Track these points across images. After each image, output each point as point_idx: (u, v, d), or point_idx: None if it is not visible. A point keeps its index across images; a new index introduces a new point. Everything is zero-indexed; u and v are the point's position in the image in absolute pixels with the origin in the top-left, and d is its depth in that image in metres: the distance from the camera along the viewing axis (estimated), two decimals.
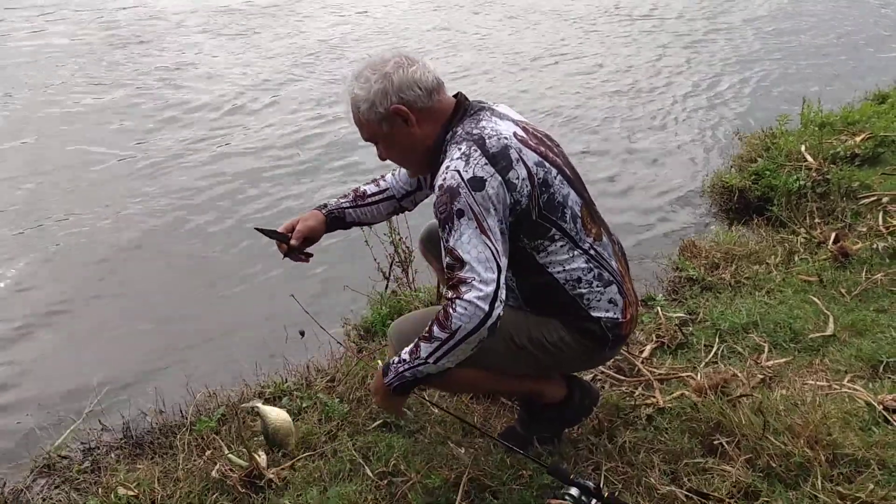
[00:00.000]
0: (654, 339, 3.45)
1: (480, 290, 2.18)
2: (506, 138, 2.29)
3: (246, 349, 3.89)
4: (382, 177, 2.87)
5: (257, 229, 2.82)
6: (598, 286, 2.41)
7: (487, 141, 2.27)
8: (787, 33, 10.05)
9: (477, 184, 2.21)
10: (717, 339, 3.38)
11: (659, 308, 3.70)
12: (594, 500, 2.19)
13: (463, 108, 2.40)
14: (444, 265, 2.26)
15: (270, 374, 3.53)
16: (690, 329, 3.52)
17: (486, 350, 2.29)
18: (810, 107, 5.96)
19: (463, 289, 2.19)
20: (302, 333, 3.71)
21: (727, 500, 2.33)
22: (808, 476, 2.39)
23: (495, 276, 2.20)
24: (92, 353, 4.02)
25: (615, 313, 2.44)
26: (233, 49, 9.62)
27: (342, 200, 2.83)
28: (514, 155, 2.27)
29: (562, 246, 2.37)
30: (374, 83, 2.33)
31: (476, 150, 2.25)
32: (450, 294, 2.22)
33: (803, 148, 5.31)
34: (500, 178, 2.23)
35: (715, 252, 4.30)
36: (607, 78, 8.54)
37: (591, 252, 2.41)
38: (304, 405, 3.15)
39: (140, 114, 7.54)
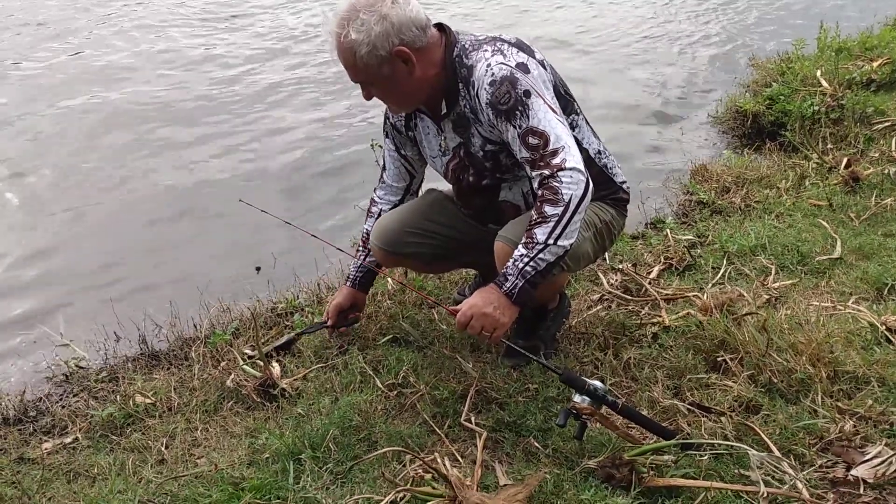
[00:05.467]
0: (663, 260, 3.47)
1: (574, 156, 2.25)
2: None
3: (260, 265, 3.95)
4: (372, 200, 2.88)
5: (300, 334, 3.03)
6: (609, 154, 2.60)
7: (503, 35, 2.41)
8: None
9: (523, 68, 2.31)
10: (724, 262, 3.40)
11: (668, 230, 3.72)
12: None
13: (451, 31, 2.45)
14: (527, 148, 2.28)
15: (282, 290, 3.59)
16: (699, 251, 3.55)
17: (582, 241, 2.42)
18: (827, 31, 5.85)
19: (557, 161, 2.24)
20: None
21: (728, 412, 2.38)
22: (808, 391, 2.43)
23: (574, 142, 2.29)
24: (107, 269, 4.06)
25: (624, 176, 2.69)
26: None
27: (358, 259, 2.91)
28: (527, 42, 2.44)
29: (582, 121, 2.53)
30: (373, 25, 2.29)
31: (503, 44, 2.37)
32: (546, 172, 2.24)
33: (819, 73, 5.24)
34: (535, 60, 2.37)
35: (726, 176, 4.30)
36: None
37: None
38: (315, 321, 3.20)
39: None
